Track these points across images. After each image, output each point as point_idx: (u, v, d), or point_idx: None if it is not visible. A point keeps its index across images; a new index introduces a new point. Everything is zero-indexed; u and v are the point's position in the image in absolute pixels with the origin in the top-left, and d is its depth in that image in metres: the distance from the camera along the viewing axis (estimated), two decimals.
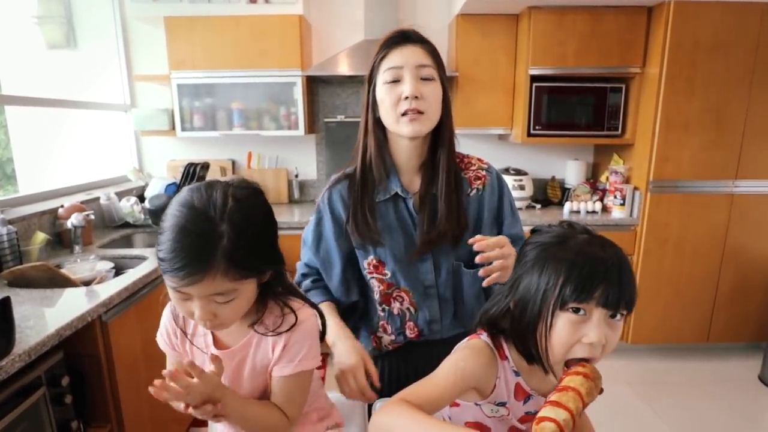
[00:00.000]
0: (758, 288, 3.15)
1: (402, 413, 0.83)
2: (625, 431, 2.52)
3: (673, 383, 3.00)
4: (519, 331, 0.91)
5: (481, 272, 1.10)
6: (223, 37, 3.12)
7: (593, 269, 0.81)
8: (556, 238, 0.88)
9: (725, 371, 3.13)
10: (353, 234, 1.26)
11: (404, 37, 1.18)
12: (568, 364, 0.86)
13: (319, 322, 1.04)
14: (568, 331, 0.83)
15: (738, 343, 3.31)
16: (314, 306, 1.05)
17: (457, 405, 1.00)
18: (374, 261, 1.28)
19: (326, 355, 3.25)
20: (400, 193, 1.25)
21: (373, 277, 1.30)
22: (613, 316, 0.83)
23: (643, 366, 3.21)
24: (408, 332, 1.33)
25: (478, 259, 1.08)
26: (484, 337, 0.98)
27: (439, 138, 1.25)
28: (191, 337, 1.01)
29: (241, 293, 0.87)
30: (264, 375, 1.01)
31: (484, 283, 1.10)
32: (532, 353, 0.90)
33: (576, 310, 0.82)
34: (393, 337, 1.34)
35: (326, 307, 1.26)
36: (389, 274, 1.28)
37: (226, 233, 0.81)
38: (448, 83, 1.24)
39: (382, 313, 1.33)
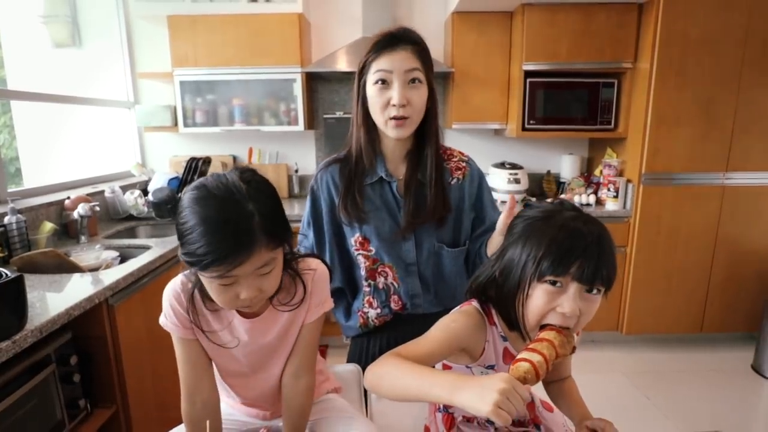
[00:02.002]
0: (750, 279, 3.19)
1: (394, 363, 0.89)
2: (620, 420, 2.53)
3: (667, 373, 3.04)
4: (501, 298, 0.97)
5: None
6: (224, 35, 3.18)
7: (572, 245, 0.86)
8: (544, 213, 0.94)
9: (719, 361, 3.17)
10: (342, 212, 1.34)
11: (395, 40, 1.24)
12: (543, 328, 0.91)
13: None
14: (543, 300, 0.88)
15: (731, 333, 3.35)
16: (317, 256, 1.16)
17: (449, 368, 1.06)
18: (360, 238, 1.37)
19: (325, 346, 3.32)
20: (384, 177, 1.35)
21: (359, 253, 1.39)
22: (589, 291, 0.88)
23: (637, 356, 3.25)
24: (393, 305, 1.40)
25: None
26: (474, 303, 1.04)
27: (425, 132, 1.33)
28: (214, 322, 1.05)
29: (278, 260, 0.95)
30: (289, 334, 1.10)
31: None
32: (512, 320, 0.96)
33: (553, 283, 0.87)
34: (379, 311, 1.41)
35: None
36: (373, 251, 1.37)
37: (256, 210, 0.87)
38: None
39: (367, 288, 1.41)
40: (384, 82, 1.23)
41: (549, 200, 1.01)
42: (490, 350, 1.01)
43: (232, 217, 0.86)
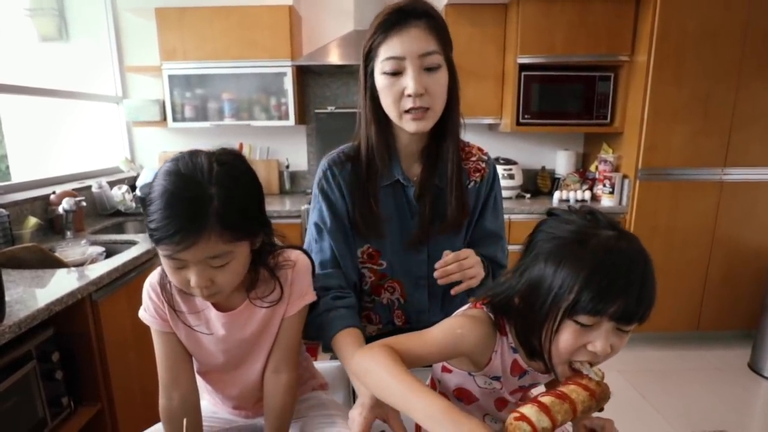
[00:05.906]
0: (748, 276, 3.15)
1: (384, 362, 0.82)
2: (617, 419, 2.52)
3: (664, 371, 3.02)
4: (523, 325, 0.88)
5: (452, 291, 1.10)
6: (213, 27, 3.13)
7: (612, 282, 0.76)
8: (576, 234, 0.81)
9: (716, 359, 3.15)
10: (361, 225, 1.17)
11: (404, 15, 1.05)
12: (573, 364, 0.83)
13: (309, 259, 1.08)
14: (574, 338, 0.79)
15: (728, 331, 3.32)
16: (298, 247, 1.09)
17: (449, 371, 0.98)
18: (369, 250, 1.22)
19: (317, 344, 3.26)
20: (401, 180, 1.18)
21: (365, 267, 1.24)
22: (622, 329, 0.80)
23: (634, 354, 3.22)
24: (396, 320, 1.30)
25: (436, 275, 1.08)
26: (485, 309, 0.94)
27: (444, 127, 1.16)
28: (185, 306, 1.00)
29: (236, 256, 0.88)
30: (269, 329, 1.04)
31: (453, 291, 1.10)
32: (534, 349, 0.86)
33: (585, 324, 0.79)
34: (380, 326, 1.31)
35: (351, 338, 1.07)
36: (385, 265, 1.23)
37: (216, 195, 0.82)
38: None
39: (369, 304, 1.29)
40: (396, 74, 1.05)
41: (576, 206, 0.89)
42: (497, 361, 0.92)
43: (188, 196, 0.81)
